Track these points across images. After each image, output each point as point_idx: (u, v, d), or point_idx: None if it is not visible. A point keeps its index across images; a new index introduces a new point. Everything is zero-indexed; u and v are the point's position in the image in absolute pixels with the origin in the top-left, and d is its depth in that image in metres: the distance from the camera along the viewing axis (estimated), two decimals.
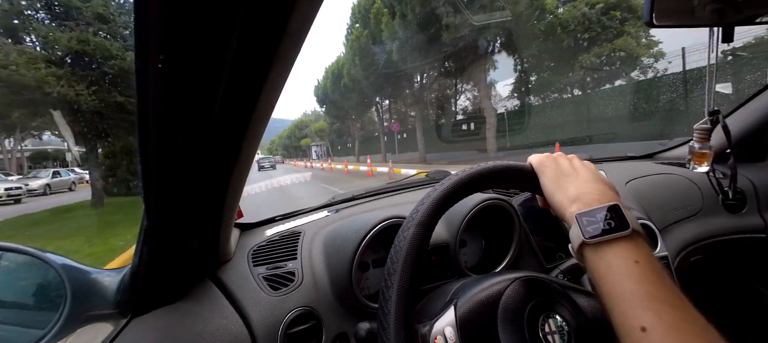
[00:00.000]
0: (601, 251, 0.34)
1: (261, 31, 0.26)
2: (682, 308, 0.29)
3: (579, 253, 0.37)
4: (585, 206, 0.37)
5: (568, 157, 0.45)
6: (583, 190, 0.39)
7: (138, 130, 0.33)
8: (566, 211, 0.39)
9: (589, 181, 0.40)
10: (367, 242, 0.64)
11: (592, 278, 0.35)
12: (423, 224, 0.41)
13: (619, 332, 0.31)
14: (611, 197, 0.38)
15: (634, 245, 0.34)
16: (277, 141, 68.75)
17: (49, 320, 0.51)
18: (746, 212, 1.02)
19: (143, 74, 0.28)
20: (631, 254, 0.33)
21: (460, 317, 0.41)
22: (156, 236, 0.48)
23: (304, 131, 46.71)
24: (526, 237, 0.80)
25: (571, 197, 0.39)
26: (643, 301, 0.30)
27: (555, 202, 0.41)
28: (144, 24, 0.24)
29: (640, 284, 0.31)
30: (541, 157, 0.45)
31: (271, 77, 0.30)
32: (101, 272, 0.59)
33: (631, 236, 0.34)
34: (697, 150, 0.88)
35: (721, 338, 0.28)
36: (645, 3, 0.67)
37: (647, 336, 0.28)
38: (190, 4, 0.24)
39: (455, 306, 0.42)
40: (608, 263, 0.33)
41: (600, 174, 0.43)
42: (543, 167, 0.44)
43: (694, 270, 0.97)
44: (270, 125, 0.43)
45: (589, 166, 0.43)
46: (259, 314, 0.59)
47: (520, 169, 0.45)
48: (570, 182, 0.41)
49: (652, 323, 0.28)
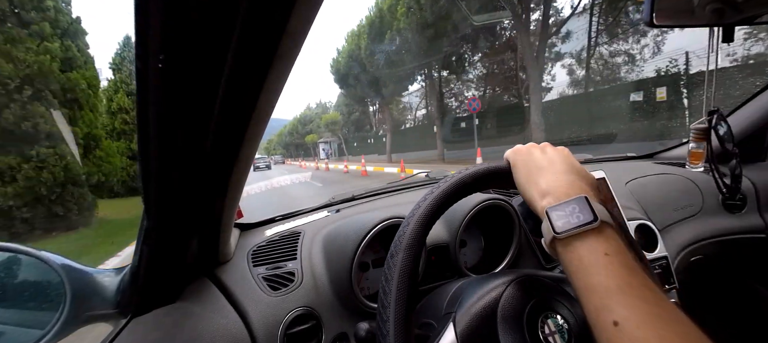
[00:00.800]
0: (571, 245, 0.33)
1: (261, 31, 0.26)
2: (653, 301, 0.29)
3: (551, 248, 0.36)
4: (555, 200, 0.36)
5: (541, 147, 0.44)
6: (554, 183, 0.38)
7: (138, 130, 0.33)
8: (537, 205, 0.38)
9: (560, 173, 0.39)
10: (367, 242, 0.64)
11: (566, 273, 0.34)
12: (421, 225, 0.41)
13: (593, 327, 0.30)
14: (581, 189, 0.37)
15: (604, 237, 0.33)
16: (276, 140, 65.05)
17: (49, 320, 0.51)
18: (746, 212, 1.02)
19: (143, 74, 0.28)
20: (601, 246, 0.32)
21: (461, 334, 0.40)
22: (156, 235, 0.48)
23: (309, 127, 43.06)
24: (525, 237, 0.80)
25: (541, 191, 0.38)
26: (615, 294, 0.29)
27: (527, 197, 0.40)
28: (144, 24, 0.24)
29: (611, 278, 0.30)
30: (514, 151, 0.44)
31: (271, 77, 0.30)
32: (101, 272, 0.59)
33: (600, 227, 0.33)
34: (693, 149, 0.89)
35: (696, 328, 0.28)
36: (645, 3, 0.67)
37: (620, 330, 0.28)
38: (190, 4, 0.24)
39: (454, 322, 0.42)
40: (579, 256, 0.33)
41: (573, 162, 0.41)
42: (516, 161, 0.43)
43: (694, 270, 0.97)
44: (269, 125, 0.42)
45: (562, 154, 0.42)
46: (258, 314, 0.59)
47: (499, 169, 0.45)
48: (542, 175, 0.40)
49: (624, 316, 0.28)
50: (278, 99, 0.35)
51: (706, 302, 1.10)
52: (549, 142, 0.45)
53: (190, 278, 0.61)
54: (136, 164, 7.36)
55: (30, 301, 0.61)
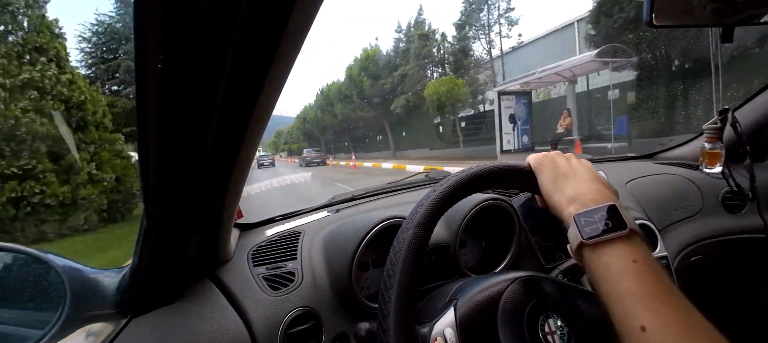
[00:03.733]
0: (599, 251, 0.34)
1: (261, 31, 0.26)
2: (681, 307, 0.29)
3: (577, 253, 0.37)
4: (582, 207, 0.37)
5: (566, 156, 0.45)
6: (581, 190, 0.39)
7: (138, 130, 0.33)
8: (564, 211, 0.39)
9: (587, 181, 0.40)
10: (367, 242, 0.64)
11: (592, 278, 0.35)
12: (422, 225, 0.41)
13: (620, 332, 0.31)
14: (609, 197, 0.38)
15: (632, 244, 0.34)
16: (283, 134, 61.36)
17: (49, 320, 0.51)
18: (746, 212, 1.02)
19: (143, 74, 0.28)
20: (629, 253, 0.33)
21: (460, 317, 0.41)
22: (156, 236, 0.48)
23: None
24: (525, 237, 0.80)
25: (568, 197, 0.39)
26: (642, 300, 0.30)
27: (553, 202, 0.41)
28: (144, 24, 0.24)
29: (639, 284, 0.31)
30: (539, 157, 0.45)
31: (271, 77, 0.30)
32: (101, 272, 0.59)
33: (629, 235, 0.34)
34: (708, 150, 0.85)
35: (720, 336, 0.28)
36: (645, 3, 0.67)
37: (647, 336, 0.28)
38: (190, 4, 0.24)
39: (455, 307, 0.42)
40: (606, 263, 0.33)
41: (598, 173, 0.43)
42: (541, 167, 0.44)
43: (694, 270, 0.97)
44: (271, 123, 0.43)
45: (586, 165, 0.43)
46: (258, 314, 0.59)
47: (519, 170, 0.45)
48: (568, 182, 0.41)
49: (651, 322, 0.28)
50: (278, 99, 0.35)
51: (706, 302, 1.10)
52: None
53: (190, 278, 0.61)
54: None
55: (30, 301, 0.61)
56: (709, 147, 0.85)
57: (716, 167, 0.86)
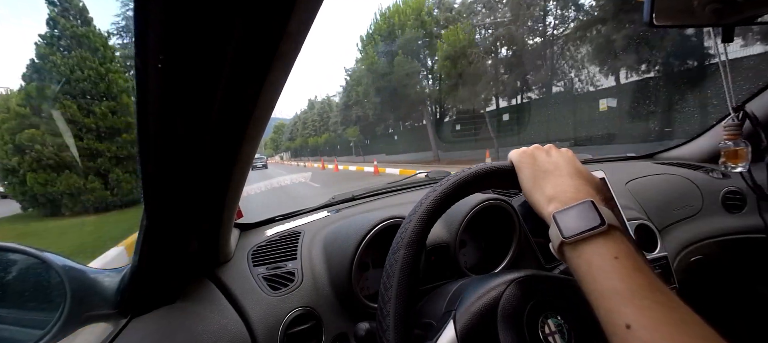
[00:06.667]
0: (580, 249, 0.34)
1: (261, 31, 0.26)
2: (665, 302, 0.29)
3: (560, 253, 0.36)
4: (561, 205, 0.36)
5: (546, 150, 0.44)
6: (560, 187, 0.38)
7: (138, 131, 0.33)
8: (544, 210, 0.38)
9: (566, 176, 0.39)
10: (367, 242, 0.64)
11: (576, 277, 0.34)
12: (420, 224, 0.41)
13: (606, 331, 0.30)
14: (587, 193, 0.37)
15: (613, 240, 0.33)
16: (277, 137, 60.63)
17: (49, 320, 0.51)
18: (746, 211, 1.02)
19: (143, 74, 0.28)
20: (610, 250, 0.32)
21: (460, 331, 0.40)
22: (156, 236, 0.48)
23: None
24: (525, 237, 0.80)
25: (548, 196, 0.39)
26: (625, 297, 0.29)
27: (534, 202, 0.40)
28: (144, 24, 0.24)
29: (621, 281, 0.30)
30: (519, 153, 0.44)
31: (271, 77, 0.30)
32: (101, 272, 0.59)
33: (609, 231, 0.33)
34: (730, 148, 0.82)
35: (709, 329, 0.28)
36: (645, 3, 0.67)
37: (632, 333, 0.28)
38: (190, 4, 0.24)
39: (454, 320, 0.41)
40: (588, 260, 0.33)
41: (578, 166, 0.41)
42: (521, 165, 0.43)
43: (694, 270, 0.97)
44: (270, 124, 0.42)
45: (567, 158, 0.42)
46: (259, 314, 0.59)
47: (502, 170, 0.45)
48: (547, 180, 0.40)
49: (635, 319, 0.28)
50: (278, 99, 0.35)
51: (705, 302, 1.10)
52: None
53: (190, 278, 0.61)
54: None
55: (30, 301, 0.61)
56: (730, 145, 0.81)
57: (740, 166, 0.82)
